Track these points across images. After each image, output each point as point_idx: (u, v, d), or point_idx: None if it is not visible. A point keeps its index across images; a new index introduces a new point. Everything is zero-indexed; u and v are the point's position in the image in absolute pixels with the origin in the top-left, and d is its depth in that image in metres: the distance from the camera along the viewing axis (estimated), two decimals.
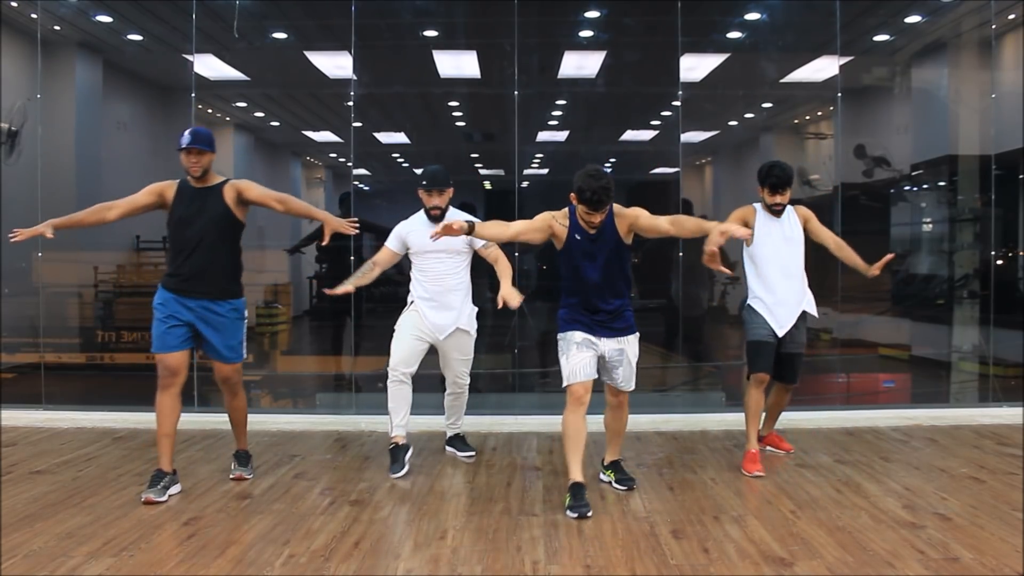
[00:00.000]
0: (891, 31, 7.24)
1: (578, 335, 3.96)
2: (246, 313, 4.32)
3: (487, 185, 7.56)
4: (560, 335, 4.03)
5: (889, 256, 4.67)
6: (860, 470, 4.45)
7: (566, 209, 4.00)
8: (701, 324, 6.76)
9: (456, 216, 4.55)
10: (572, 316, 4.01)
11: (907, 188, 7.82)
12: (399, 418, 4.57)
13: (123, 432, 5.38)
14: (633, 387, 4.14)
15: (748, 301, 4.72)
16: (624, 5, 6.85)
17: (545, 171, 7.19)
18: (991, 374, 6.42)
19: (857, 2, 6.56)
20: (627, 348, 4.05)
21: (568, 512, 3.75)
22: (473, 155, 8.02)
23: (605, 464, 4.32)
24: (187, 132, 4.15)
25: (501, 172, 7.21)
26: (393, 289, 6.03)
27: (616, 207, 3.99)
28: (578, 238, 3.95)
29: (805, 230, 4.72)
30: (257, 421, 5.53)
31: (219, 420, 5.53)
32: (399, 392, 4.56)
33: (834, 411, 5.87)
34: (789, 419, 5.55)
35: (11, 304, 6.47)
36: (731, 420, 5.03)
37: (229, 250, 4.24)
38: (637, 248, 7.51)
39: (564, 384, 3.94)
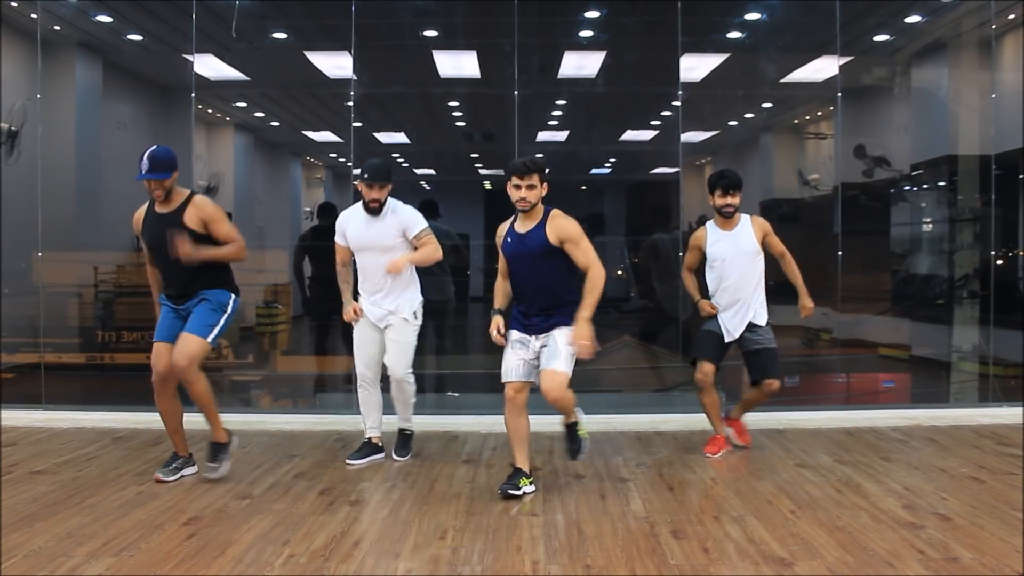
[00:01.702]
0: (891, 31, 7.24)
1: (515, 333, 4.11)
2: (228, 308, 4.21)
3: (487, 185, 7.55)
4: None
5: (810, 308, 4.81)
6: (860, 470, 4.44)
7: (512, 217, 4.14)
8: (700, 323, 6.74)
9: (398, 208, 4.55)
10: (514, 314, 4.15)
11: (907, 188, 7.82)
12: (371, 421, 4.75)
13: (123, 432, 5.37)
14: (560, 368, 3.93)
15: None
16: (624, 5, 6.85)
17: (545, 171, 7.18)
18: (991, 374, 6.41)
19: (857, 2, 6.56)
20: (555, 332, 3.99)
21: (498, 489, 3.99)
22: (473, 155, 8.02)
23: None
24: (145, 158, 3.96)
25: (501, 172, 7.21)
26: None
27: (555, 211, 4.04)
28: (509, 240, 4.10)
29: (763, 243, 4.71)
30: (257, 421, 5.53)
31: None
32: (366, 399, 4.73)
33: (834, 411, 5.86)
34: (789, 419, 5.56)
35: (11, 304, 6.46)
36: None
37: (203, 264, 4.15)
38: (637, 247, 7.54)
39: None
